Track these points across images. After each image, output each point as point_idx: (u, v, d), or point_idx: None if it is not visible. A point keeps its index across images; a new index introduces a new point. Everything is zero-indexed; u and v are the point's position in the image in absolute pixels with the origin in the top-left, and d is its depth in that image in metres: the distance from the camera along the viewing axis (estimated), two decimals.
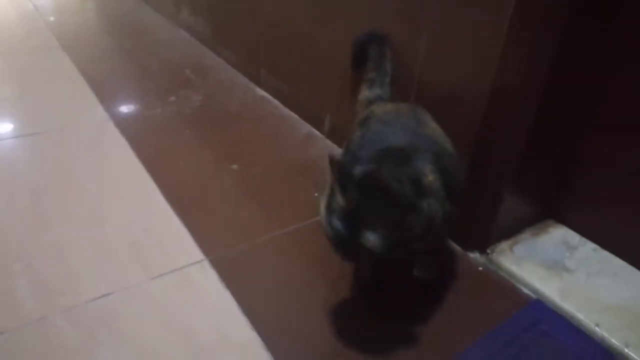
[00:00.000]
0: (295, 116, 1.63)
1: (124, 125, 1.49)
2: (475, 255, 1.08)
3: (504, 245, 1.09)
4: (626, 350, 0.87)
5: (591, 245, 1.10)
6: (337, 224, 0.71)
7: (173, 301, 0.92)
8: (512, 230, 1.12)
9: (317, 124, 1.55)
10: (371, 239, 0.70)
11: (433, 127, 0.88)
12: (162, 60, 2.02)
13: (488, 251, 1.07)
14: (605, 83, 0.98)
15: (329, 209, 0.73)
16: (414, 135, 0.85)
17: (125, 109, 1.61)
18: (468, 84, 0.99)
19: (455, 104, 1.03)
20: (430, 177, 0.77)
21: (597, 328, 0.91)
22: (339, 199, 0.70)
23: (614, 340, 0.89)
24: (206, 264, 1.01)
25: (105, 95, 1.66)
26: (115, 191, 1.21)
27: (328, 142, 1.49)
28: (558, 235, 1.12)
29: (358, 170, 0.75)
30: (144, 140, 1.43)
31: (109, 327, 0.86)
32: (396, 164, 0.77)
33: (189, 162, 1.35)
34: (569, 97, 0.99)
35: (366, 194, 0.69)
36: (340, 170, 0.71)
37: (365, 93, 1.09)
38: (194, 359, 0.82)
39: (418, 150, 0.80)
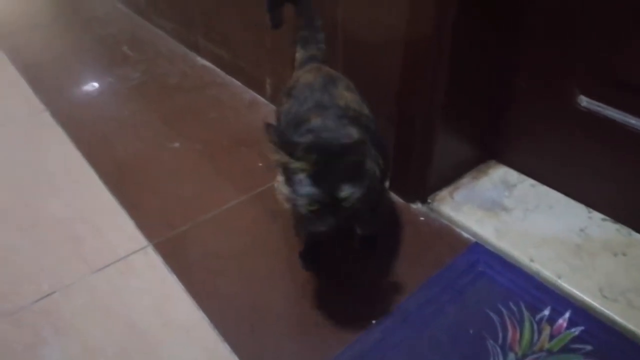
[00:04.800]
0: (238, 83, 1.59)
1: (61, 114, 1.44)
2: (417, 206, 1.09)
3: (445, 192, 1.10)
4: (559, 280, 0.90)
5: (530, 182, 1.11)
6: (308, 189, 0.70)
7: (116, 292, 0.93)
8: (452, 176, 1.12)
9: (260, 89, 1.51)
10: (350, 190, 0.70)
11: (346, 97, 0.87)
12: (98, 38, 1.93)
13: (429, 200, 1.08)
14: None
15: (290, 183, 0.72)
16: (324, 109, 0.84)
17: (61, 97, 1.55)
18: (385, 32, 0.97)
19: (378, 55, 1.02)
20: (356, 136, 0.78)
21: (532, 263, 0.94)
22: (296, 165, 0.70)
23: (548, 273, 0.92)
24: (150, 250, 1.01)
25: (40, 85, 1.60)
26: (53, 185, 1.19)
27: (272, 106, 1.45)
28: (498, 176, 1.13)
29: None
30: (81, 127, 1.39)
31: (53, 325, 0.87)
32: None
33: (128, 145, 1.33)
34: (487, 35, 0.97)
35: (324, 152, 0.70)
36: (280, 136, 0.71)
37: (299, 54, 1.05)
38: (138, 346, 0.83)
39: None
